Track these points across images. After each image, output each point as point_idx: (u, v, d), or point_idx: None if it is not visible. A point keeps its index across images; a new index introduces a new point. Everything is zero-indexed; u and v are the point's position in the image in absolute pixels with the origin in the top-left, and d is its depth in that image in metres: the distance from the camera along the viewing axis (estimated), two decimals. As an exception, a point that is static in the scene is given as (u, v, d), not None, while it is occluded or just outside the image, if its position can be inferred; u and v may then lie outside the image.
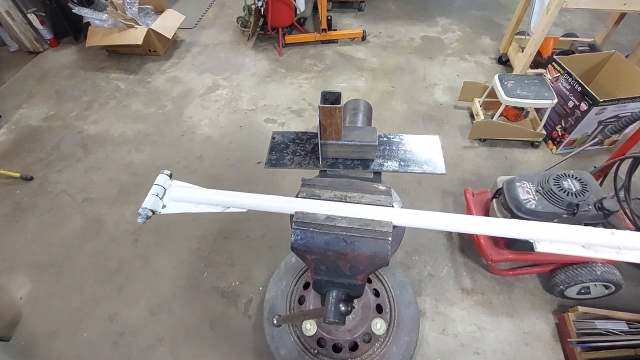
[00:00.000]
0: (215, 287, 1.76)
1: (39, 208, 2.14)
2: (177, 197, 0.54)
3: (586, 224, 1.44)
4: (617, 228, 1.60)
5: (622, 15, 2.56)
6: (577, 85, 2.03)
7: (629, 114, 1.57)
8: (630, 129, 1.59)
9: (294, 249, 0.49)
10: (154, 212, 0.53)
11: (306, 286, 1.50)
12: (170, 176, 0.58)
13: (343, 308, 0.49)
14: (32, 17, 3.24)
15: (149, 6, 3.25)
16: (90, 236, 1.99)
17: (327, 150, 0.70)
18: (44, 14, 3.29)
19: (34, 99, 2.94)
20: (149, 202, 0.54)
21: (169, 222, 1.99)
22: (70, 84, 3.08)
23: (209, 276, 1.80)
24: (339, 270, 0.48)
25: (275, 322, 0.70)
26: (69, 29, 3.47)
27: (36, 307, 1.73)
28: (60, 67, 3.26)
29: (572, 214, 1.34)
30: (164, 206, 0.54)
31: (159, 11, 3.32)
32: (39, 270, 1.86)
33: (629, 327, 1.38)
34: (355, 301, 1.13)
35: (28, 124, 2.72)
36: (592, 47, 2.76)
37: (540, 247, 0.45)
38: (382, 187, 0.52)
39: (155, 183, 0.54)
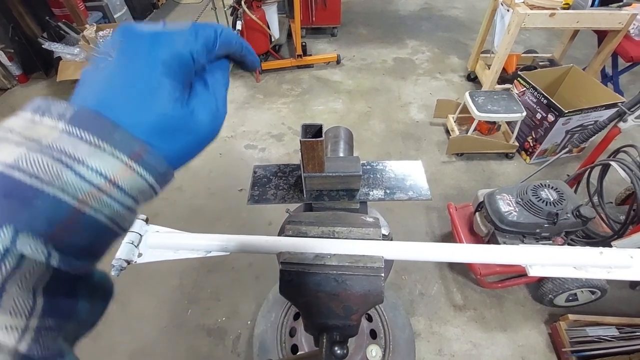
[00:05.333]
0: (201, 325, 1.67)
1: (5, 253, 2.00)
2: (154, 243, 0.50)
3: (567, 232, 1.48)
4: (595, 233, 1.65)
5: (576, 31, 2.76)
6: (542, 98, 2.14)
7: (593, 122, 1.67)
8: (596, 137, 1.68)
9: (282, 292, 0.46)
10: (129, 262, 0.49)
11: (296, 317, 1.44)
12: (147, 221, 0.54)
13: (339, 351, 0.46)
14: (0, 54, 3.15)
15: (122, 39, 3.24)
16: (63, 280, 1.86)
17: (311, 182, 0.69)
18: (12, 50, 3.20)
19: (0, 138, 2.81)
20: (124, 251, 0.50)
21: (149, 258, 1.90)
22: (39, 119, 2.97)
23: (193, 313, 1.71)
24: (331, 311, 0.46)
25: (266, 367, 0.66)
26: (39, 64, 3.38)
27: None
28: (29, 103, 3.15)
29: (552, 223, 1.37)
30: (140, 255, 0.51)
31: (133, 43, 3.31)
32: (5, 322, 1.71)
33: (620, 332, 1.40)
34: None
35: (-7, 163, 2.58)
36: (552, 62, 2.94)
37: (533, 272, 0.44)
38: (369, 219, 0.50)
39: (129, 230, 0.50)
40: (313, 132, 0.60)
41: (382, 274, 0.44)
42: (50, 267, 0.20)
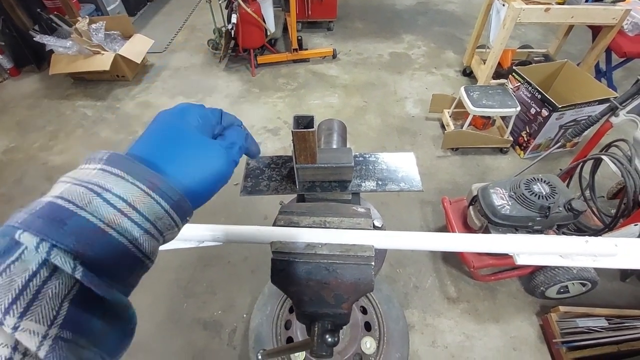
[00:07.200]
0: (197, 319, 1.67)
1: (-1, 248, 1.99)
2: (147, 234, 0.50)
3: (558, 225, 1.49)
4: (586, 227, 1.67)
5: (571, 27, 2.77)
6: (537, 93, 2.15)
7: (586, 117, 1.68)
8: (589, 132, 1.69)
9: (274, 280, 0.46)
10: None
11: (292, 310, 1.45)
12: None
13: (330, 339, 0.47)
14: (-11, 47, 3.10)
15: (115, 32, 3.20)
16: (58, 275, 1.85)
17: (303, 174, 0.69)
18: (3, 43, 3.16)
19: (-8, 132, 2.78)
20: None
21: (144, 253, 1.90)
22: (33, 113, 2.94)
23: (189, 308, 1.72)
24: (322, 300, 0.46)
25: (259, 357, 0.67)
26: (31, 57, 3.34)
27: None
28: (22, 97, 3.11)
29: (544, 216, 1.39)
30: (132, 245, 0.51)
31: (127, 36, 3.27)
32: None
33: (609, 323, 1.43)
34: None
35: (-14, 158, 2.56)
36: (547, 57, 2.95)
37: (520, 260, 0.45)
38: (361, 209, 0.51)
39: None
40: (305, 123, 0.60)
41: (372, 263, 0.44)
42: (77, 281, 0.23)
